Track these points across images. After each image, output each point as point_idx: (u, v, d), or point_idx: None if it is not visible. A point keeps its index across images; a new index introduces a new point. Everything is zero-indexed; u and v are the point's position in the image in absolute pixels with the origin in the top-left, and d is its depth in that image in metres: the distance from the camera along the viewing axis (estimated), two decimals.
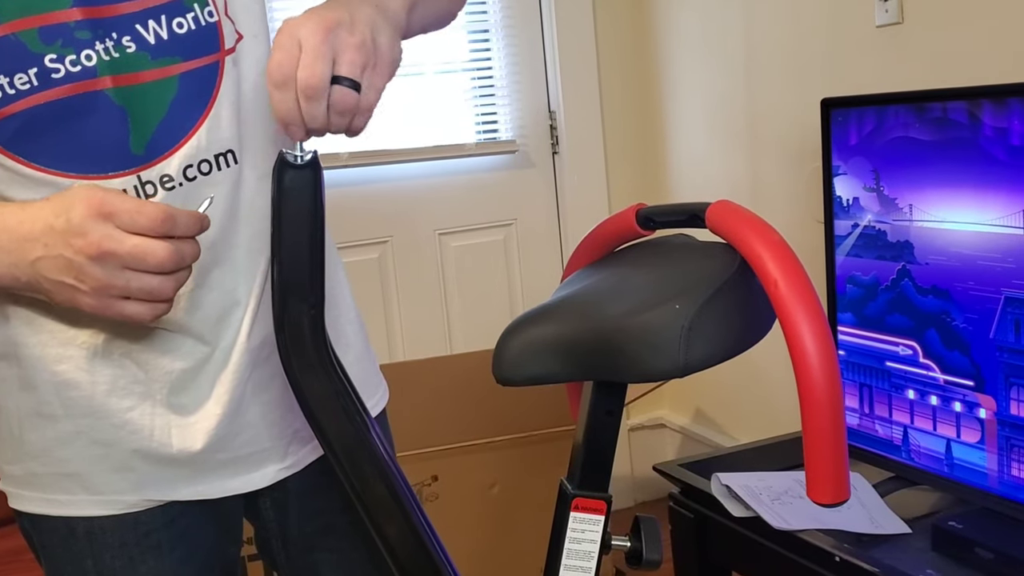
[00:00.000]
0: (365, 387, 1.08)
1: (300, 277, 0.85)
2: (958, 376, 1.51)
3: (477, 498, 2.16)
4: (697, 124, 2.53)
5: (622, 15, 2.70)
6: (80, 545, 0.98)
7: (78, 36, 0.85)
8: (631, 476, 2.80)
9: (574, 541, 0.98)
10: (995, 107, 1.40)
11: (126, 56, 0.87)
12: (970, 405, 1.50)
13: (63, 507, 0.98)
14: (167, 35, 0.88)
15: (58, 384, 0.94)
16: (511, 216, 2.72)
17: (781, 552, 1.55)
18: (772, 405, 2.32)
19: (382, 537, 0.92)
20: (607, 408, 0.98)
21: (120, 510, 0.98)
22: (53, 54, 0.84)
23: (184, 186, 0.91)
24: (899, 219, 1.58)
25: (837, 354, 0.81)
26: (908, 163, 1.55)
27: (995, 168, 1.41)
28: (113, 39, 0.86)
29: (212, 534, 1.04)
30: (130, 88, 0.87)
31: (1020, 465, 1.43)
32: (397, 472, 0.94)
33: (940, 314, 1.53)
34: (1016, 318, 1.41)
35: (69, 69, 0.85)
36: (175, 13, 0.89)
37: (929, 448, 1.58)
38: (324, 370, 0.88)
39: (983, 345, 1.46)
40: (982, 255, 1.44)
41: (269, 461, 1.03)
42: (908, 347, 1.60)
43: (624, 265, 1.01)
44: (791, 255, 0.84)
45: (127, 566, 0.99)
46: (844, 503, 0.83)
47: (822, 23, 2.03)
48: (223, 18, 0.92)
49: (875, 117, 1.60)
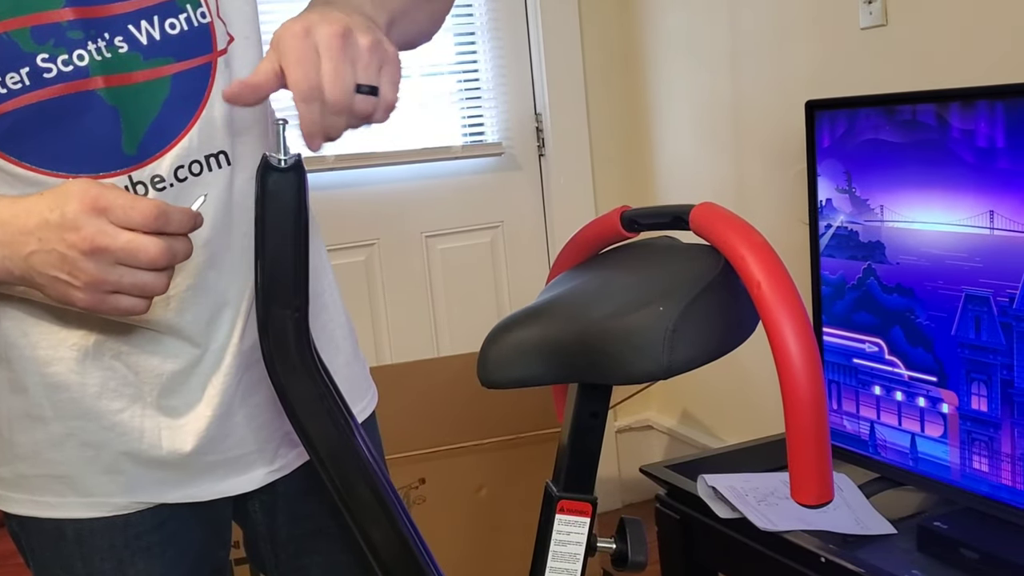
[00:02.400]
0: (354, 391, 1.08)
1: (284, 280, 0.85)
2: (922, 372, 1.55)
3: (464, 501, 2.15)
4: (683, 126, 2.54)
5: (608, 18, 2.71)
6: (70, 548, 0.98)
7: (70, 36, 0.85)
8: (618, 478, 2.80)
9: (559, 543, 0.98)
10: (963, 109, 1.43)
11: (118, 56, 0.87)
12: (933, 400, 1.53)
13: (52, 509, 0.98)
14: (159, 36, 0.88)
15: (48, 386, 0.93)
16: (498, 218, 2.72)
17: (767, 553, 1.55)
18: (759, 406, 2.32)
19: (367, 540, 0.92)
20: (592, 410, 0.98)
21: (109, 512, 0.98)
22: (45, 54, 0.84)
23: (175, 187, 0.91)
24: (871, 220, 1.60)
25: (819, 355, 0.82)
26: (879, 165, 1.58)
27: (962, 170, 1.43)
28: (105, 39, 0.86)
29: (201, 536, 1.04)
30: (122, 88, 0.87)
31: (981, 458, 1.47)
32: (382, 475, 0.94)
33: (904, 312, 1.56)
34: (976, 315, 1.44)
35: (61, 69, 0.85)
36: (168, 14, 0.89)
37: (895, 443, 1.62)
38: (308, 373, 0.88)
39: (945, 342, 1.49)
40: (949, 254, 1.46)
41: (258, 464, 1.03)
42: (874, 344, 1.63)
43: (608, 267, 1.01)
44: (774, 257, 0.85)
45: (116, 568, 0.99)
46: (828, 504, 0.83)
47: (807, 25, 2.04)
48: (215, 19, 0.92)
49: (846, 120, 1.62)
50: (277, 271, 0.84)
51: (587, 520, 0.98)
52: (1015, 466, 1.42)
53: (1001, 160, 1.38)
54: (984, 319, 1.43)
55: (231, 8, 0.93)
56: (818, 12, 2.00)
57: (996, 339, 1.42)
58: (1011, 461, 1.43)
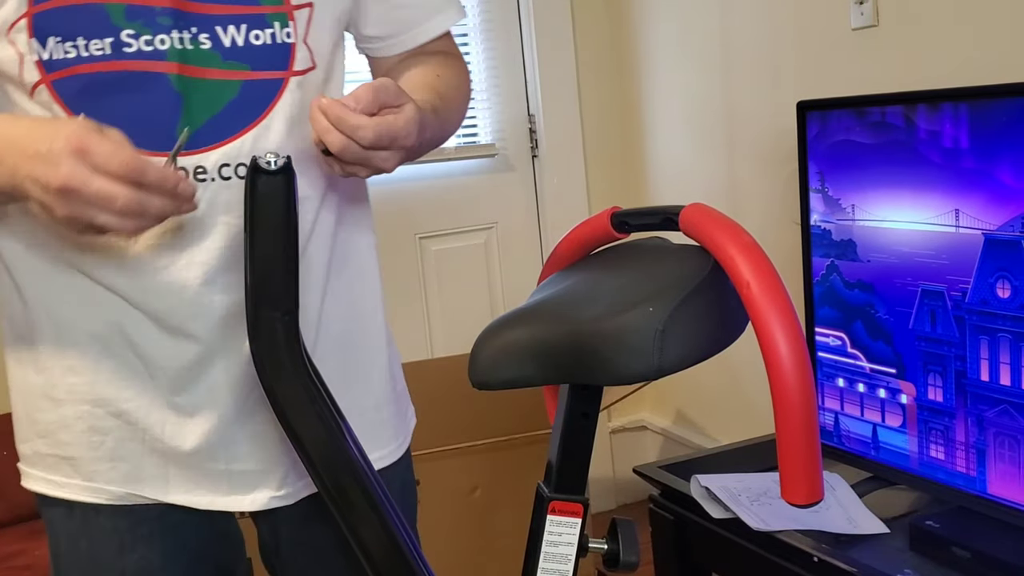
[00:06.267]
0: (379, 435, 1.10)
1: (273, 283, 0.85)
2: (882, 364, 1.61)
3: (458, 502, 2.15)
4: (675, 127, 2.54)
5: (600, 19, 2.71)
6: (76, 526, 1.02)
7: (159, 21, 0.91)
8: (613, 478, 2.80)
9: (551, 544, 0.98)
10: (929, 111, 1.47)
11: (199, 51, 0.93)
12: (893, 391, 1.59)
13: (59, 488, 1.02)
14: (242, 43, 0.94)
15: (64, 369, 0.98)
16: (491, 220, 2.72)
17: (760, 553, 1.55)
18: (753, 407, 2.32)
19: (358, 542, 0.92)
20: (583, 411, 0.98)
21: (107, 500, 1.01)
22: (132, 31, 0.91)
23: (216, 182, 0.94)
24: (842, 219, 1.65)
25: (809, 355, 0.82)
26: (850, 165, 1.62)
27: (930, 170, 1.47)
28: (191, 33, 0.92)
29: (204, 534, 1.06)
30: (193, 80, 0.93)
31: (937, 447, 1.52)
32: (373, 477, 0.94)
33: (865, 307, 1.62)
34: (932, 309, 1.49)
35: (142, 48, 0.91)
36: (255, 25, 0.94)
37: (858, 433, 1.68)
38: (298, 375, 0.88)
39: (903, 335, 1.55)
40: (918, 252, 1.51)
41: (262, 485, 1.03)
42: (837, 338, 1.69)
43: (598, 268, 1.01)
44: (763, 257, 0.85)
45: (117, 552, 1.02)
46: (818, 504, 0.84)
47: (798, 26, 2.04)
48: (300, 43, 0.97)
49: (819, 121, 1.66)
50: (267, 273, 0.85)
51: (578, 521, 0.98)
52: (968, 454, 1.47)
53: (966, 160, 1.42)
54: (939, 313, 1.48)
55: (320, 40, 0.99)
56: (809, 12, 2.00)
57: (950, 332, 1.47)
58: (965, 449, 1.47)
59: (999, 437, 1.42)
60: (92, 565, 1.02)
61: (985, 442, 1.44)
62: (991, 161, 1.38)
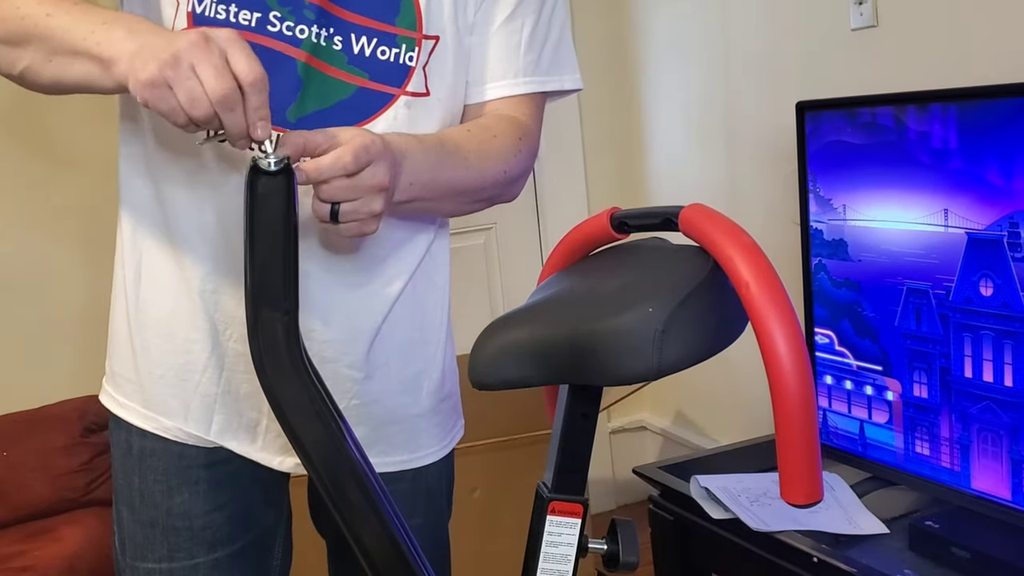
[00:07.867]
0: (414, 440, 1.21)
1: (273, 283, 0.85)
2: (869, 362, 1.63)
3: (458, 502, 2.14)
4: (675, 127, 2.54)
5: (600, 19, 2.71)
6: (132, 462, 1.10)
7: (305, 13, 1.00)
8: (612, 479, 2.80)
9: (551, 544, 0.98)
10: (919, 112, 1.48)
11: (330, 49, 1.01)
12: (880, 388, 1.62)
13: (119, 407, 1.10)
14: (369, 53, 1.02)
15: (143, 300, 1.07)
16: (491, 220, 2.72)
17: (760, 553, 1.55)
18: (752, 407, 2.32)
19: (358, 542, 0.92)
20: (583, 411, 0.98)
21: (155, 429, 1.07)
22: (279, 13, 0.99)
23: None
24: (834, 219, 1.67)
25: (808, 355, 0.82)
26: (841, 166, 1.63)
27: (919, 170, 1.49)
28: (328, 32, 1.01)
29: (250, 494, 1.11)
30: (317, 72, 1.01)
31: (923, 443, 1.54)
32: (374, 478, 0.94)
33: (852, 305, 1.64)
34: (917, 307, 1.51)
35: (283, 31, 1.00)
36: (384, 42, 1.02)
37: (845, 429, 1.70)
38: (298, 375, 0.88)
39: (889, 333, 1.57)
40: (908, 251, 1.53)
41: (291, 454, 1.07)
42: (825, 336, 1.71)
43: (598, 269, 1.01)
44: (762, 257, 0.85)
45: (165, 493, 1.08)
46: (817, 504, 0.84)
47: (798, 26, 2.05)
48: (419, 69, 1.04)
49: (812, 122, 1.68)
50: (267, 273, 0.85)
51: (578, 521, 0.98)
52: (953, 449, 1.48)
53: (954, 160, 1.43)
54: (924, 311, 1.50)
55: (438, 72, 1.05)
56: (809, 13, 2.00)
57: (935, 330, 1.49)
58: (949, 445, 1.49)
59: (982, 433, 1.44)
60: (142, 498, 1.09)
61: (969, 438, 1.46)
62: (979, 162, 1.39)
